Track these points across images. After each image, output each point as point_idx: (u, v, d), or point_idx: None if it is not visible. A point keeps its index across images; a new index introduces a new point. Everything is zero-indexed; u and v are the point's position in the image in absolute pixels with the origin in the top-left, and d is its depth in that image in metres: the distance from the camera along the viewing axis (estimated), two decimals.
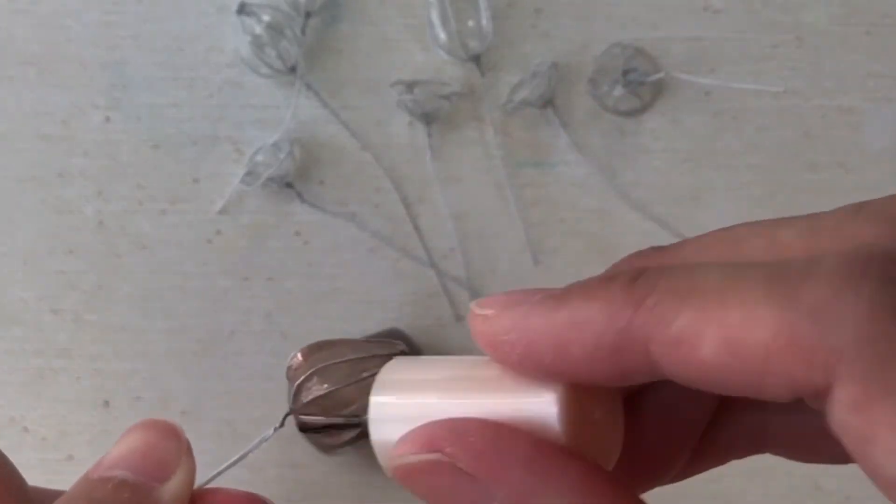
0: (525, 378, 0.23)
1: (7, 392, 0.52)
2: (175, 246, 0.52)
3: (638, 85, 0.53)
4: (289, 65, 0.52)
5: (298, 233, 0.53)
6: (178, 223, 0.52)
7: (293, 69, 0.52)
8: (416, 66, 0.53)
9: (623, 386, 0.24)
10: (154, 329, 0.52)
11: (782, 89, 0.53)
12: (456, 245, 0.53)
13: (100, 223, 0.52)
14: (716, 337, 0.20)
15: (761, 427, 0.27)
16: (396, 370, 0.26)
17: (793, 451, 0.27)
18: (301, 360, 0.45)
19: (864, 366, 0.18)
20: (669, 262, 0.23)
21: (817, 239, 0.22)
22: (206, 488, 0.29)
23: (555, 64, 0.53)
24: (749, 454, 0.28)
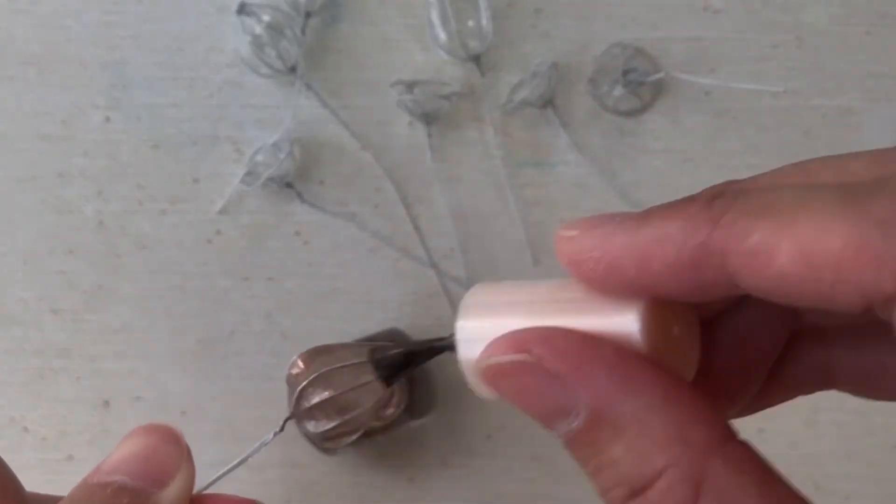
0: (606, 298, 0.25)
1: (7, 392, 0.52)
2: (175, 246, 0.52)
3: (638, 85, 0.53)
4: (289, 65, 0.52)
5: (298, 233, 0.53)
6: (178, 223, 0.52)
7: (293, 69, 0.52)
8: (416, 66, 0.53)
9: (701, 302, 0.25)
10: (154, 329, 0.52)
11: (782, 89, 0.53)
12: (456, 245, 0.53)
13: (100, 223, 0.52)
14: (790, 248, 0.21)
15: (828, 362, 0.28)
16: (481, 293, 0.27)
17: (858, 387, 0.28)
18: (302, 367, 0.45)
19: None
20: (742, 188, 0.24)
21: (885, 166, 0.23)
22: (205, 493, 0.29)
23: (555, 64, 0.53)
24: (815, 390, 0.29)
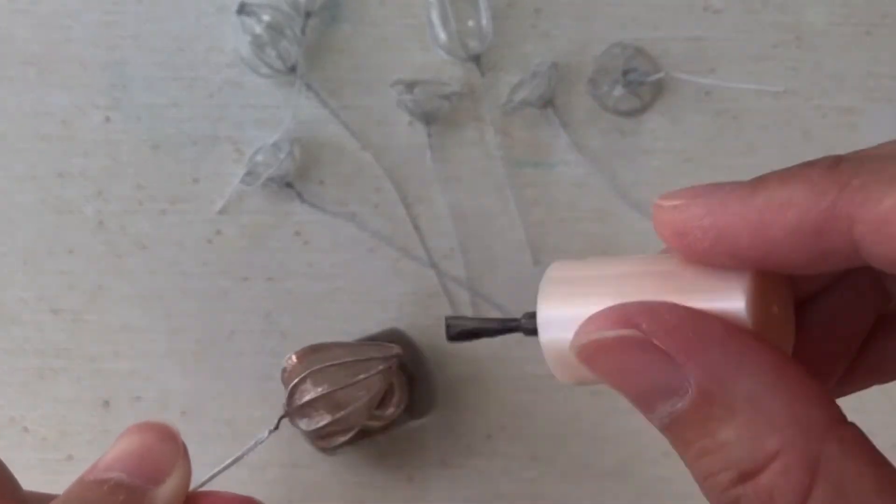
0: (705, 270, 0.23)
1: (7, 392, 0.52)
2: (175, 246, 0.52)
3: (638, 85, 0.53)
4: (289, 65, 0.52)
5: (298, 233, 0.53)
6: (178, 223, 0.52)
7: (293, 69, 0.52)
8: (416, 66, 0.53)
9: (811, 275, 0.24)
10: (154, 329, 0.52)
11: (782, 89, 0.53)
12: (456, 245, 0.53)
13: (100, 223, 0.52)
14: None
15: None
16: (563, 268, 0.25)
17: None
18: (295, 362, 0.45)
19: None
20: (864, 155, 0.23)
21: None
22: (201, 491, 0.29)
23: (555, 64, 0.53)
24: (895, 377, 0.28)
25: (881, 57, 0.54)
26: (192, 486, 0.29)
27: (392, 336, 0.51)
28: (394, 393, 0.48)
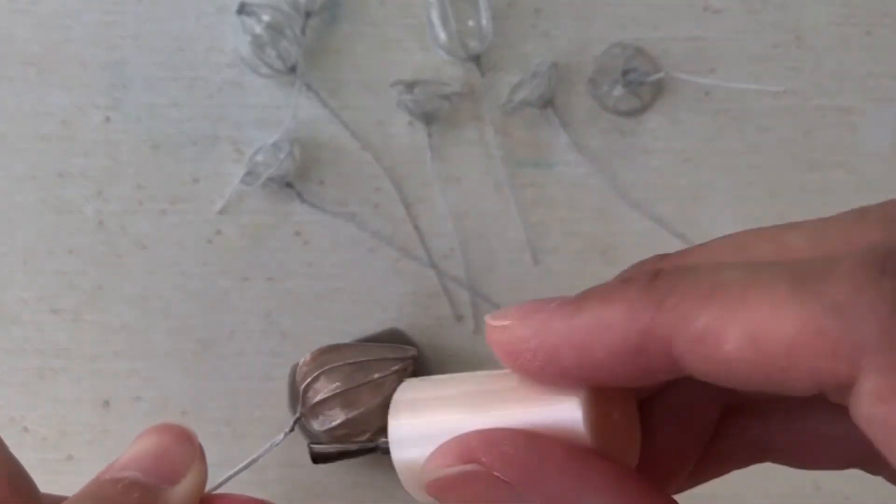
0: (543, 387, 0.24)
1: (7, 392, 0.52)
2: (175, 246, 0.52)
3: (638, 85, 0.53)
4: (289, 65, 0.52)
5: (298, 233, 0.53)
6: (178, 223, 0.52)
7: (293, 69, 0.52)
8: (416, 66, 0.53)
9: (641, 386, 0.24)
10: (154, 329, 0.52)
11: (782, 89, 0.53)
12: (456, 245, 0.53)
13: (100, 223, 0.52)
14: (740, 333, 0.20)
15: (763, 435, 0.27)
16: (411, 390, 0.26)
17: (793, 458, 0.27)
18: (308, 360, 0.45)
19: (889, 357, 0.19)
20: (682, 265, 0.23)
21: (825, 242, 0.22)
22: (215, 493, 0.29)
23: (555, 64, 0.53)
24: (751, 463, 0.28)
25: (881, 57, 0.54)
26: (207, 489, 0.29)
27: (392, 335, 0.51)
28: None
